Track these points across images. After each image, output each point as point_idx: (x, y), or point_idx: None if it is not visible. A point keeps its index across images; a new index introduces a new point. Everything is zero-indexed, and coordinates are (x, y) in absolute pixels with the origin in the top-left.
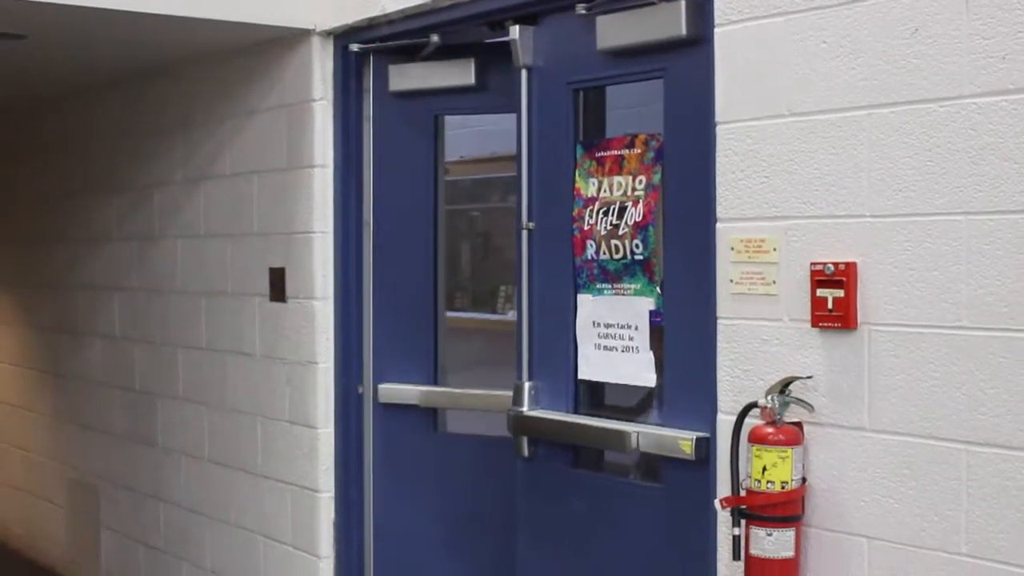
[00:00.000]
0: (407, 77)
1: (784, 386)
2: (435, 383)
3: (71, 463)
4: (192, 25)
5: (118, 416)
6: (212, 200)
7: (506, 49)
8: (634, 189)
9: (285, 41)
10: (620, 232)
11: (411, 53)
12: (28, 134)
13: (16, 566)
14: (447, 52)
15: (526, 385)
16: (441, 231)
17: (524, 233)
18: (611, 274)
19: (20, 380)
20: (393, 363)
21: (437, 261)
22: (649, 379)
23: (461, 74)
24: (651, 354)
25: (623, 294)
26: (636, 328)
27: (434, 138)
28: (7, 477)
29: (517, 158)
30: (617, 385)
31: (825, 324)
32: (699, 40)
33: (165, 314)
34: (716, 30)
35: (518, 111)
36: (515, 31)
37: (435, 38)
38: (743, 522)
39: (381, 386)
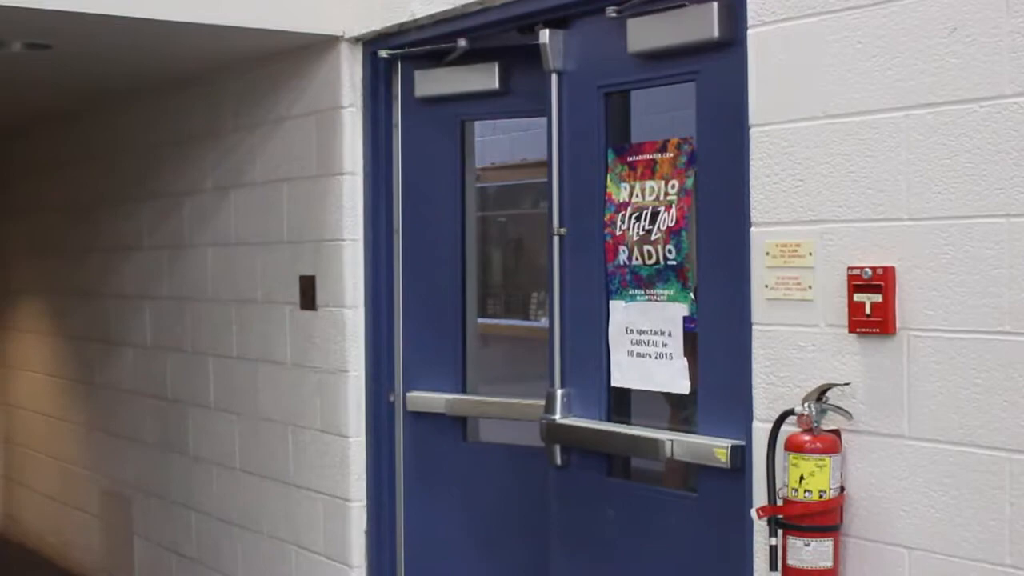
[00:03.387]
0: (432, 82)
1: (821, 393)
2: (463, 391)
3: (104, 472)
4: (220, 33)
5: (150, 425)
6: (242, 208)
7: (531, 52)
8: (667, 193)
9: (314, 48)
10: (653, 237)
11: (439, 58)
12: (58, 143)
13: (50, 575)
14: (475, 57)
15: (558, 392)
16: (470, 237)
17: (555, 239)
18: (644, 280)
19: (53, 390)
20: (423, 371)
21: (465, 268)
22: (683, 386)
23: (485, 78)
24: (685, 361)
25: (656, 300)
26: (670, 334)
27: (460, 143)
28: (41, 486)
29: (548, 163)
30: None
31: (863, 330)
32: (732, 42)
33: (196, 323)
34: (749, 32)
35: (548, 116)
36: (545, 35)
37: (462, 43)
38: (780, 532)
39: (409, 394)
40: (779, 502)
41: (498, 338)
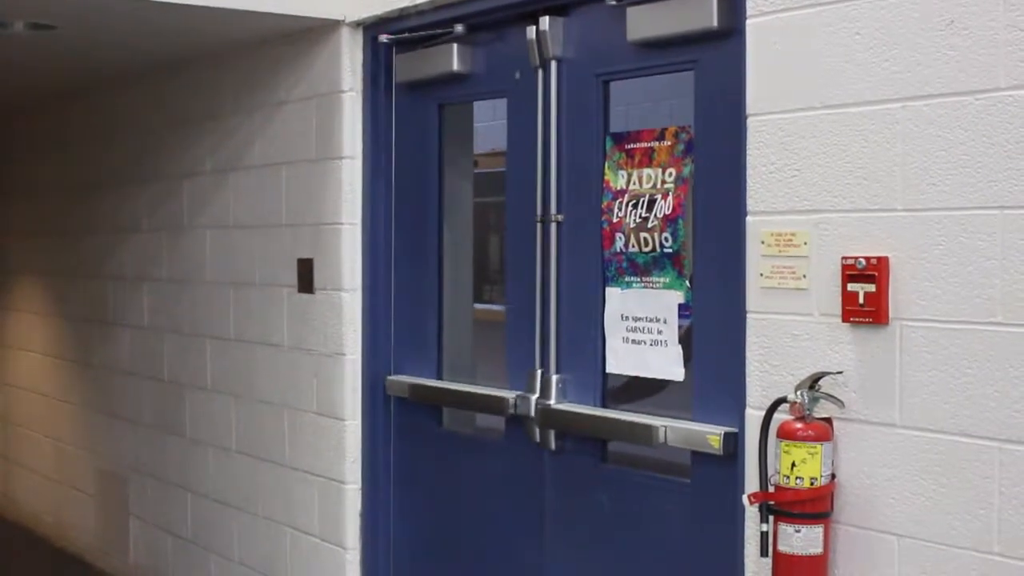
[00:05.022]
0: (408, 66)
1: (814, 381)
2: (438, 377)
3: (100, 453)
4: (222, 15)
5: (147, 406)
6: (241, 191)
7: (500, 33)
8: (664, 182)
9: (314, 32)
10: (649, 225)
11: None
12: (58, 124)
13: (46, 554)
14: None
15: (553, 378)
16: (454, 222)
17: (552, 226)
18: (640, 267)
19: (51, 370)
20: (408, 356)
21: (442, 253)
22: (677, 373)
23: (446, 61)
24: (680, 348)
25: (652, 287)
26: (665, 322)
27: (438, 127)
28: (38, 466)
29: (545, 150)
30: None
31: (856, 319)
32: (731, 32)
33: (194, 305)
34: (748, 21)
35: (547, 103)
36: (545, 22)
37: (459, 28)
38: (771, 518)
39: (388, 378)
40: (771, 489)
41: (495, 324)
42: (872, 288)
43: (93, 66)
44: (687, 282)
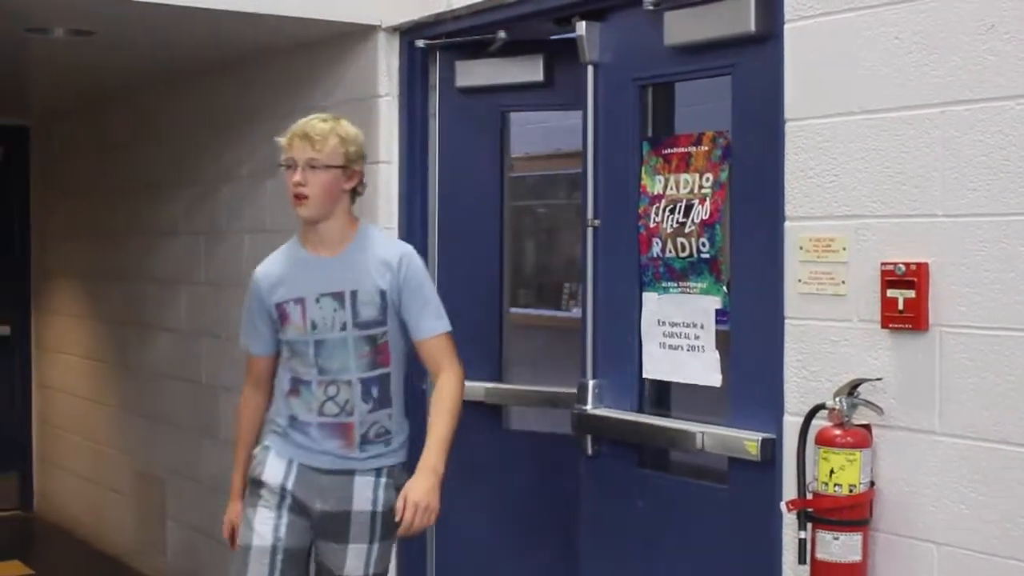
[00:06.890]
0: (474, 73)
1: (852, 388)
2: (499, 380)
3: (138, 455)
4: (259, 21)
5: (184, 409)
6: (278, 195)
7: (573, 45)
8: (701, 187)
9: (351, 37)
10: (686, 230)
11: (478, 49)
12: (97, 129)
13: (83, 555)
14: (514, 48)
15: (590, 383)
16: (507, 227)
17: (589, 230)
18: (677, 272)
19: (90, 372)
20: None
21: (503, 257)
22: (715, 379)
23: (530, 71)
24: (717, 353)
25: (689, 293)
26: (702, 327)
27: (500, 134)
28: (76, 467)
29: (583, 155)
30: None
31: (895, 325)
32: (769, 36)
33: (231, 309)
34: (786, 26)
35: (584, 108)
36: (582, 27)
37: (502, 34)
38: (809, 525)
39: None
40: (809, 495)
41: (527, 328)
42: (912, 294)
43: (131, 71)
44: (724, 287)
